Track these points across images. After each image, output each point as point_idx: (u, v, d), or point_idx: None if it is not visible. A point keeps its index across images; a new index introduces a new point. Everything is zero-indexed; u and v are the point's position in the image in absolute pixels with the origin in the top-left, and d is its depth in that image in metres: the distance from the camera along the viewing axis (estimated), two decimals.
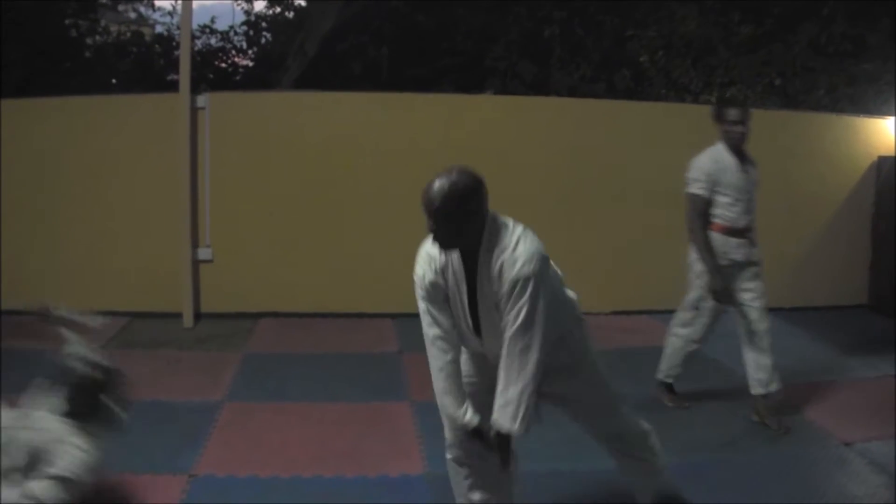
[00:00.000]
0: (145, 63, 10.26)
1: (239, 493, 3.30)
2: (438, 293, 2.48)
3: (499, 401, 2.39)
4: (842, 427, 4.10)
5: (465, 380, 2.60)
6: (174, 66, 8.53)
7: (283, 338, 5.69)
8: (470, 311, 2.47)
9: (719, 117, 4.05)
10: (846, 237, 6.56)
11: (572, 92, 9.14)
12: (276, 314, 6.13)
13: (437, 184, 2.30)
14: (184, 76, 5.74)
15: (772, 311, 6.49)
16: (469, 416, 2.50)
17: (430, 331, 2.49)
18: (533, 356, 2.33)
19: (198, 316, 6.01)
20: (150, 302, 5.99)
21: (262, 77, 10.06)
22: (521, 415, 2.35)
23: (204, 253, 6.03)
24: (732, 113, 4.00)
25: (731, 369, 5.05)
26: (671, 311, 6.45)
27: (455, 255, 2.43)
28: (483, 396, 2.55)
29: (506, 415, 2.37)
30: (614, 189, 6.41)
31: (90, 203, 5.95)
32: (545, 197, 6.23)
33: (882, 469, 3.63)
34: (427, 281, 2.47)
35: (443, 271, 2.46)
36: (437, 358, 2.48)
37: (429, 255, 2.48)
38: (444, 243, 2.38)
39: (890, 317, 6.12)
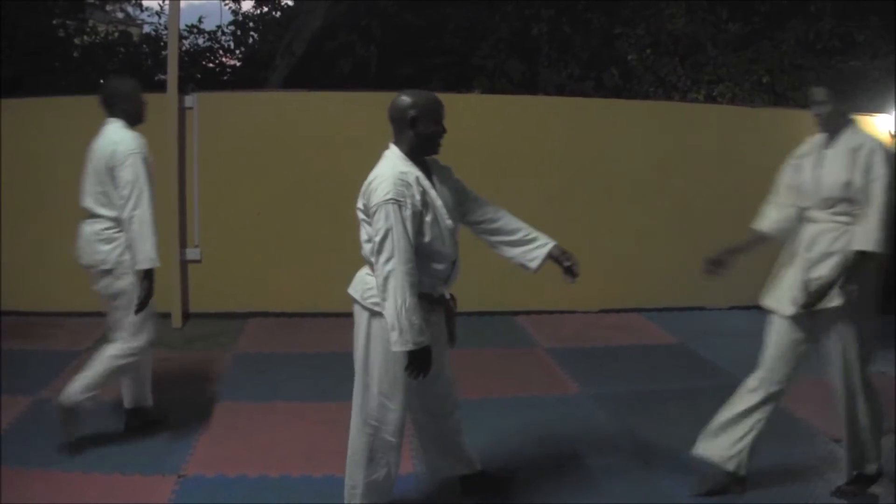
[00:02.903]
0: (133, 63, 10.18)
1: (228, 493, 3.29)
2: (417, 207, 2.64)
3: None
4: (832, 424, 4.11)
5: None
6: (162, 66, 8.48)
7: (273, 337, 5.68)
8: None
9: None
10: None
11: (560, 90, 9.14)
12: (265, 314, 6.12)
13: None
14: (171, 76, 5.72)
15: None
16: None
17: (408, 248, 2.59)
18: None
19: (186, 316, 5.99)
20: None
21: (251, 77, 10.01)
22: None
23: (192, 253, 6.01)
24: None
25: (722, 369, 5.06)
26: (659, 309, 6.53)
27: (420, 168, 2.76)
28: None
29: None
30: (602, 187, 6.43)
31: (78, 203, 5.90)
32: (533, 195, 6.19)
33: None
34: (413, 197, 2.64)
35: (417, 181, 2.69)
36: (410, 275, 2.58)
37: (401, 174, 2.67)
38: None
39: (886, 313, 6.14)
